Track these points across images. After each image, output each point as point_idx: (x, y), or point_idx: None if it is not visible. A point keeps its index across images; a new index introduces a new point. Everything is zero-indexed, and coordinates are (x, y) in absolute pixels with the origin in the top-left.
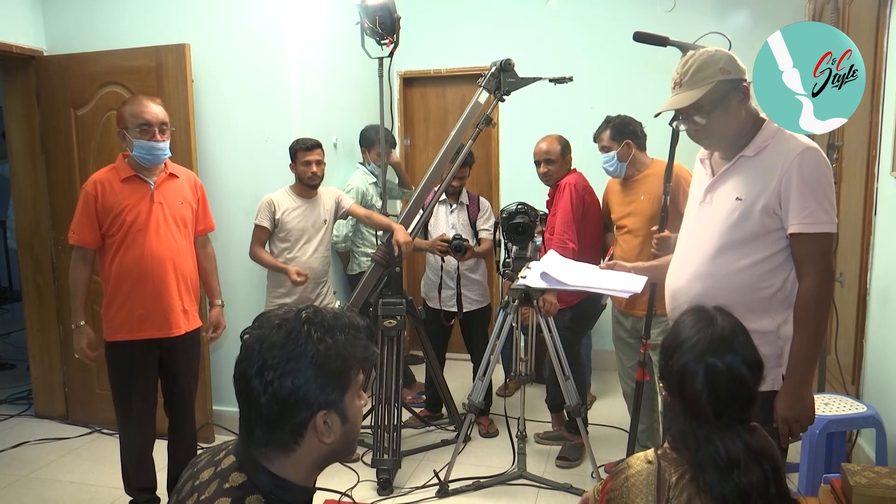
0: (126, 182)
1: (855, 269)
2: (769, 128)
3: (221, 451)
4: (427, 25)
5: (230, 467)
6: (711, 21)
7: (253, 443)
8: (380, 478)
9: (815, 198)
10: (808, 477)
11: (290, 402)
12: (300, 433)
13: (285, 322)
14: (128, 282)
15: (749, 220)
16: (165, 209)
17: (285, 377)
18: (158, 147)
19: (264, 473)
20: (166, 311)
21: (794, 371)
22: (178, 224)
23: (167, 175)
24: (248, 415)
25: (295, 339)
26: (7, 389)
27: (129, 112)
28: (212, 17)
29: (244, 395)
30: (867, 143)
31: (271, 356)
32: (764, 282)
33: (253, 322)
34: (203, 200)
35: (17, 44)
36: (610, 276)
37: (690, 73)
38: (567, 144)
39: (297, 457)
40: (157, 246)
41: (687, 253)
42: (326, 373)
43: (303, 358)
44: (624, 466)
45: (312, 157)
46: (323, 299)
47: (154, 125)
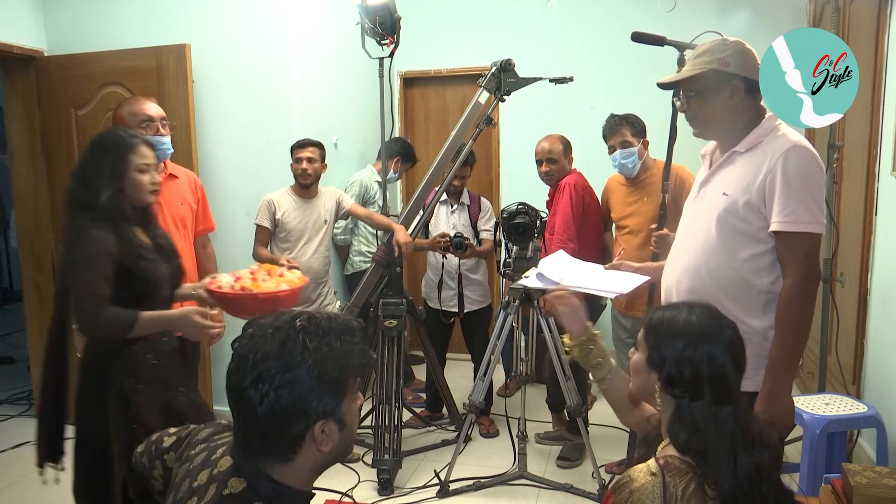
0: None
1: (855, 268)
2: (765, 125)
3: (218, 449)
4: (427, 25)
5: (228, 471)
6: (712, 21)
7: (250, 452)
8: (380, 478)
9: (798, 196)
10: (808, 477)
11: (288, 415)
12: (298, 443)
13: (278, 330)
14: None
15: (734, 215)
16: (165, 210)
17: (282, 389)
18: (163, 142)
19: (265, 479)
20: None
21: (773, 373)
22: (178, 225)
23: (166, 175)
24: (244, 427)
25: (290, 350)
26: (7, 390)
27: (128, 112)
28: (212, 18)
29: (238, 407)
30: (867, 142)
31: (266, 367)
32: (750, 280)
33: (243, 329)
34: (203, 200)
35: (18, 44)
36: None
37: (696, 54)
38: (568, 144)
39: (296, 465)
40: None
41: (680, 248)
42: (324, 382)
43: (299, 368)
44: (627, 480)
45: (304, 154)
46: (324, 299)
47: (157, 120)
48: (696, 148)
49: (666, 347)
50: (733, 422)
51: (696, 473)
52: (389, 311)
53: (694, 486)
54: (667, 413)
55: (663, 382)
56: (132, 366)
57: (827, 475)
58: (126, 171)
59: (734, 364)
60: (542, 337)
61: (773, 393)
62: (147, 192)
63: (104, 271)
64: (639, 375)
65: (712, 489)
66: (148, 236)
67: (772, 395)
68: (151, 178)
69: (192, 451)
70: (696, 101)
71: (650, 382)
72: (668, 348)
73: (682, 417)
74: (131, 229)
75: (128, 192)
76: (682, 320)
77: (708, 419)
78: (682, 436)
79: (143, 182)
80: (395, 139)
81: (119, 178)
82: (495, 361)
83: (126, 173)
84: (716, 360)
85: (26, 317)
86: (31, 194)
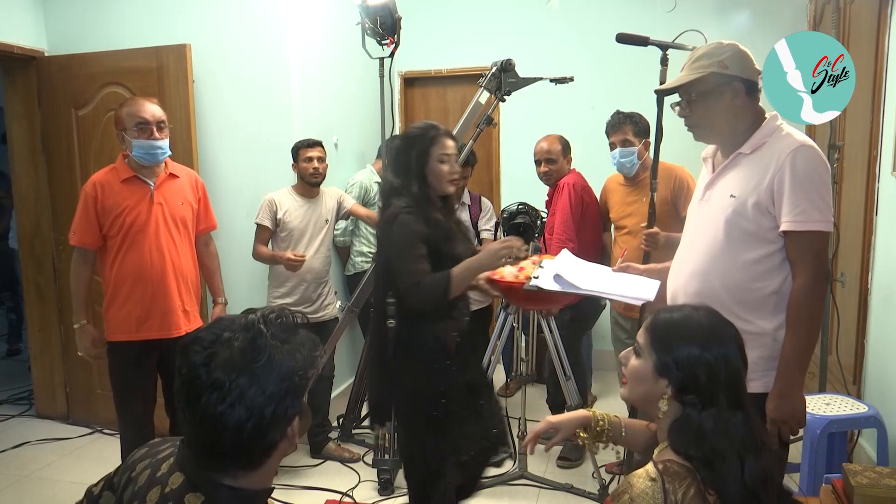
0: (126, 183)
1: (856, 268)
2: (768, 125)
3: (162, 465)
4: (428, 26)
5: (182, 488)
6: (713, 21)
7: (209, 465)
8: (381, 478)
9: (807, 195)
10: (809, 477)
11: (268, 427)
12: (273, 447)
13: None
14: (127, 283)
15: (743, 217)
16: (165, 210)
17: (261, 406)
18: (157, 145)
19: (224, 489)
20: (166, 311)
21: (784, 372)
22: (178, 225)
23: (167, 175)
24: (207, 443)
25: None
26: (8, 390)
27: (126, 113)
28: (212, 18)
29: (205, 425)
30: (868, 142)
31: (236, 384)
32: (759, 282)
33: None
34: (204, 199)
35: (19, 44)
36: (624, 281)
37: (694, 58)
38: (567, 144)
39: (266, 468)
40: (156, 247)
41: (686, 251)
42: (294, 384)
43: (270, 376)
44: (626, 486)
45: (314, 153)
46: (324, 300)
47: (152, 123)
48: (697, 149)
49: (678, 352)
50: (743, 427)
51: (696, 478)
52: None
53: (693, 490)
54: (668, 419)
55: (675, 389)
56: (441, 345)
57: (827, 475)
58: (428, 161)
59: (744, 364)
60: (542, 337)
61: (786, 392)
62: (446, 181)
63: (418, 251)
64: (643, 383)
65: (712, 494)
66: (451, 220)
67: (784, 394)
68: (451, 168)
69: (133, 472)
70: (698, 106)
71: (657, 390)
72: (681, 353)
73: (690, 424)
74: (436, 214)
75: (430, 181)
76: (692, 323)
77: (719, 426)
78: (687, 443)
79: (443, 172)
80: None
81: (422, 168)
82: (495, 361)
83: (428, 163)
84: (731, 361)
85: (27, 316)
86: (31, 194)
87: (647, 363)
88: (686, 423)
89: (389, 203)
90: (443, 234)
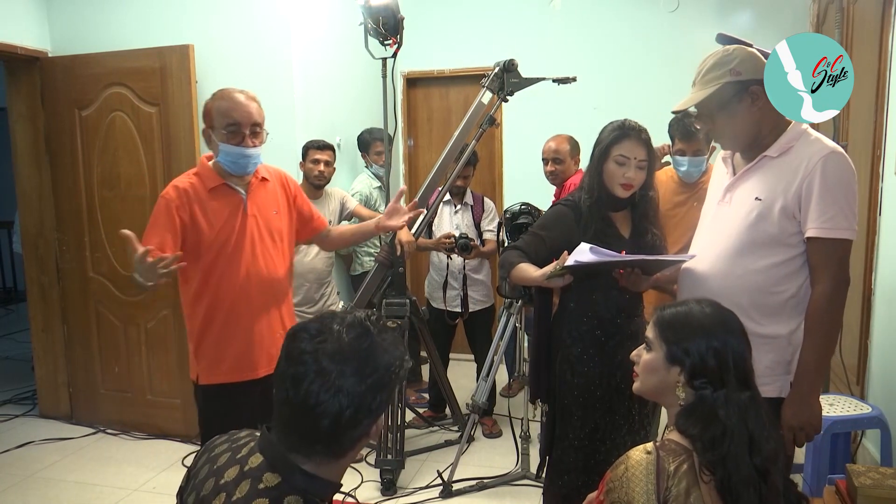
0: (214, 193)
1: (860, 269)
2: (795, 129)
3: (243, 448)
4: (430, 26)
5: (261, 467)
6: (714, 21)
7: (292, 450)
8: (383, 478)
9: (836, 203)
10: (812, 478)
11: (361, 416)
12: (360, 439)
13: (345, 332)
14: (221, 314)
15: (767, 221)
16: (259, 222)
17: (361, 399)
18: (248, 154)
19: (300, 474)
20: (268, 344)
21: (803, 378)
22: (275, 239)
23: (259, 180)
24: (301, 429)
25: (367, 353)
26: (12, 390)
27: (216, 109)
28: (215, 18)
29: (302, 410)
30: (871, 143)
31: (342, 371)
32: (779, 286)
33: (301, 332)
34: (301, 198)
35: (22, 45)
36: None
37: (703, 72)
38: (576, 145)
39: (346, 460)
40: (254, 269)
41: (704, 252)
42: (390, 384)
43: (377, 373)
44: (623, 458)
45: (322, 156)
46: (327, 300)
47: (244, 127)
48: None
49: (688, 341)
50: (752, 405)
51: (692, 457)
52: (392, 311)
53: (687, 466)
54: (677, 406)
55: (687, 376)
56: (575, 331)
57: (831, 476)
58: (606, 160)
59: (749, 351)
60: None
61: (803, 397)
62: (617, 182)
63: (542, 232)
64: (655, 373)
65: (706, 474)
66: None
67: (802, 400)
68: (624, 172)
69: (212, 452)
70: (720, 118)
71: (670, 378)
72: (689, 340)
73: (703, 407)
74: (607, 212)
75: (604, 180)
76: (696, 313)
77: (731, 405)
78: (696, 423)
79: (616, 173)
80: (366, 130)
81: (597, 167)
82: (498, 362)
83: (605, 164)
84: (736, 348)
85: (30, 317)
86: (35, 195)
87: (658, 354)
88: (700, 404)
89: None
90: (603, 231)
